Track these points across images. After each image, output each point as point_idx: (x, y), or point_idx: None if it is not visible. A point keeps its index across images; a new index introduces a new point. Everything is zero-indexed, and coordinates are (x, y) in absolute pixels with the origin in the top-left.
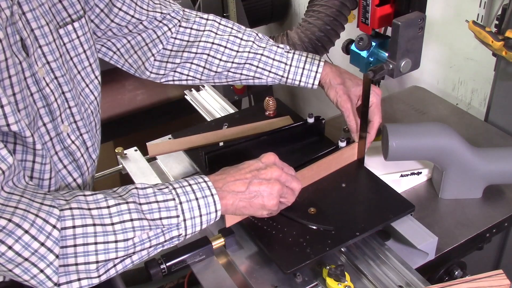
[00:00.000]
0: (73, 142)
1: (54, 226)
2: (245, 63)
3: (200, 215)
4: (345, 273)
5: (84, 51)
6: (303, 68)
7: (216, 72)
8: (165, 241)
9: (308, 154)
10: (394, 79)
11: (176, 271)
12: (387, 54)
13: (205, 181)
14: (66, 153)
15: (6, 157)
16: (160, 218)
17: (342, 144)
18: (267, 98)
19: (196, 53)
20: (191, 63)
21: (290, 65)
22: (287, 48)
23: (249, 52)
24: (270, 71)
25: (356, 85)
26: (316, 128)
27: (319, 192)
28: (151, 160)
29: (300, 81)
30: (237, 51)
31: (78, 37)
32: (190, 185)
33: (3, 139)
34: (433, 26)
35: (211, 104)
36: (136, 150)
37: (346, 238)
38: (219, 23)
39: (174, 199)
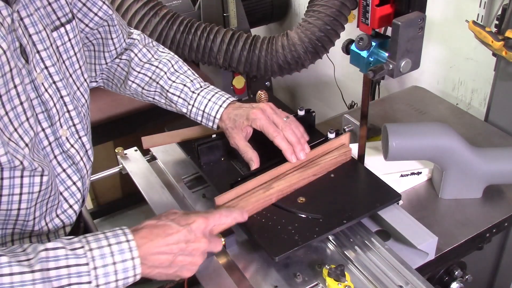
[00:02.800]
0: (72, 145)
1: None
2: (155, 91)
3: (116, 280)
4: (345, 273)
5: (75, 54)
6: (203, 111)
7: (131, 91)
8: None
9: None
10: (394, 79)
11: None
12: (387, 54)
13: (127, 241)
14: (65, 157)
15: None
16: (69, 284)
17: (331, 135)
18: (259, 91)
19: (117, 67)
20: (114, 73)
21: (192, 106)
22: (196, 87)
23: (157, 83)
24: (176, 106)
25: (242, 117)
26: (306, 121)
27: (308, 182)
28: (151, 160)
29: (201, 121)
30: (150, 78)
31: (69, 39)
32: (110, 245)
33: None
34: (433, 26)
35: None
36: (136, 150)
37: (334, 226)
38: (144, 46)
39: (87, 264)
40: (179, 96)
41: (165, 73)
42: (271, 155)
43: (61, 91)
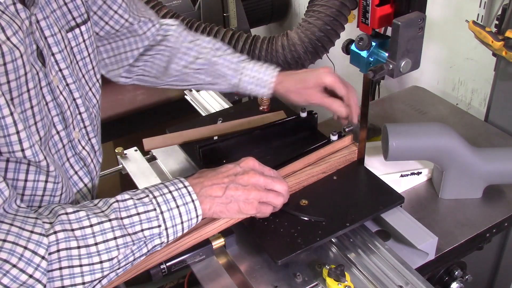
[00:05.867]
0: (83, 147)
1: (43, 257)
2: (201, 69)
3: (182, 222)
4: (345, 273)
5: (89, 55)
6: (257, 78)
7: (174, 75)
8: (148, 251)
9: (300, 148)
10: (394, 79)
11: (176, 271)
12: (387, 54)
13: (185, 186)
14: (77, 159)
15: (4, 190)
16: (142, 230)
17: (333, 137)
18: None
19: (156, 55)
20: (153, 63)
21: (244, 74)
22: (243, 57)
23: (204, 58)
24: (225, 78)
25: (309, 76)
26: (308, 123)
27: (311, 184)
28: (151, 160)
29: (252, 91)
30: (195, 57)
31: (84, 40)
32: (170, 192)
33: (17, 160)
34: (433, 26)
35: (211, 104)
36: (136, 150)
37: (337, 229)
38: (183, 29)
39: (155, 209)
40: (228, 67)
41: (210, 49)
42: (275, 156)
43: (73, 93)
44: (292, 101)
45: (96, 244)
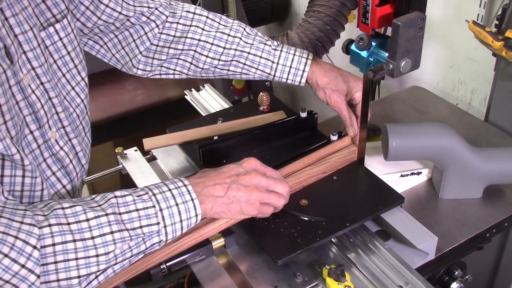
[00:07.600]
0: (61, 148)
1: (34, 247)
2: (232, 60)
3: (181, 220)
4: (345, 273)
5: (68, 53)
6: (290, 67)
7: (202, 68)
8: (146, 248)
9: (300, 148)
10: (394, 79)
11: (176, 271)
12: (387, 54)
13: (185, 185)
14: (55, 160)
15: None
16: (141, 227)
17: (333, 137)
18: (261, 93)
19: (182, 49)
20: (178, 58)
21: (277, 63)
22: (275, 44)
23: (235, 49)
24: (257, 68)
25: (343, 82)
26: (309, 123)
27: (311, 184)
28: (151, 160)
29: (287, 79)
30: (224, 48)
31: (60, 39)
32: (170, 190)
33: None
34: (433, 26)
35: (211, 104)
36: (136, 150)
37: (337, 229)
38: (207, 17)
39: (154, 206)
40: (261, 56)
41: (240, 38)
42: (275, 156)
43: (49, 92)
44: (315, 93)
45: (92, 237)
